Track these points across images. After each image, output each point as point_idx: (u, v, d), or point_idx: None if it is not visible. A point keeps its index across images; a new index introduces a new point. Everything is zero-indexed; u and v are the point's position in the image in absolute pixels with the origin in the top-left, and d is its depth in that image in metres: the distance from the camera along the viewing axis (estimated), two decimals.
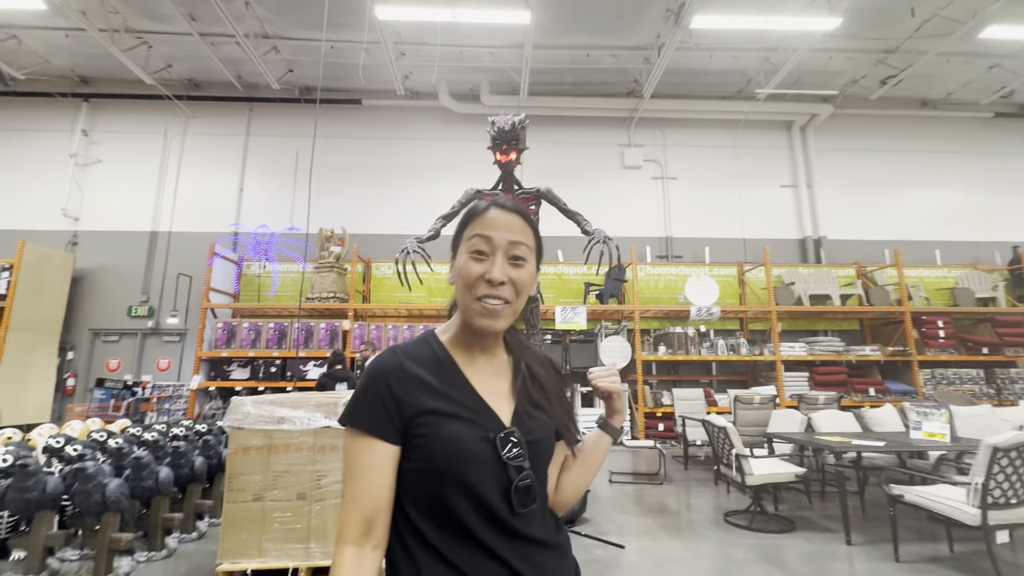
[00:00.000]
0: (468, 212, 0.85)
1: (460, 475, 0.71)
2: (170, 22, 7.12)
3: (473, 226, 0.82)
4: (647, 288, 8.13)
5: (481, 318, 0.78)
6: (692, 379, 8.11)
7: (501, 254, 0.79)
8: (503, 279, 0.77)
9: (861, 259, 8.54)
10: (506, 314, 0.79)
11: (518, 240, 0.80)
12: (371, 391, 0.75)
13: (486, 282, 0.77)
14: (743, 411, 4.88)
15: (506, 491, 0.73)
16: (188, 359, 7.74)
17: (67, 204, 8.15)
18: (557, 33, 7.41)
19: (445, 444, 0.72)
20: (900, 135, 9.32)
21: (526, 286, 0.81)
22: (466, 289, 0.79)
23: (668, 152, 9.11)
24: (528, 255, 0.82)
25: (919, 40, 7.43)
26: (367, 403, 0.75)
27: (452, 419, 0.74)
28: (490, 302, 0.77)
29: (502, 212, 0.82)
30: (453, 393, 0.77)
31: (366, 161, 8.73)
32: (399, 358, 0.79)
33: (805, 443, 3.70)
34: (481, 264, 0.79)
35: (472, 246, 0.80)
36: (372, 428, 0.73)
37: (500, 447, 0.74)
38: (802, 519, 3.76)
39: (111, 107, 8.67)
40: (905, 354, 7.35)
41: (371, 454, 0.73)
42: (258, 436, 2.75)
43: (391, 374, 0.76)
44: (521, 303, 0.82)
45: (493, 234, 0.79)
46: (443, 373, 0.79)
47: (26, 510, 2.71)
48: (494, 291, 0.77)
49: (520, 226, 0.82)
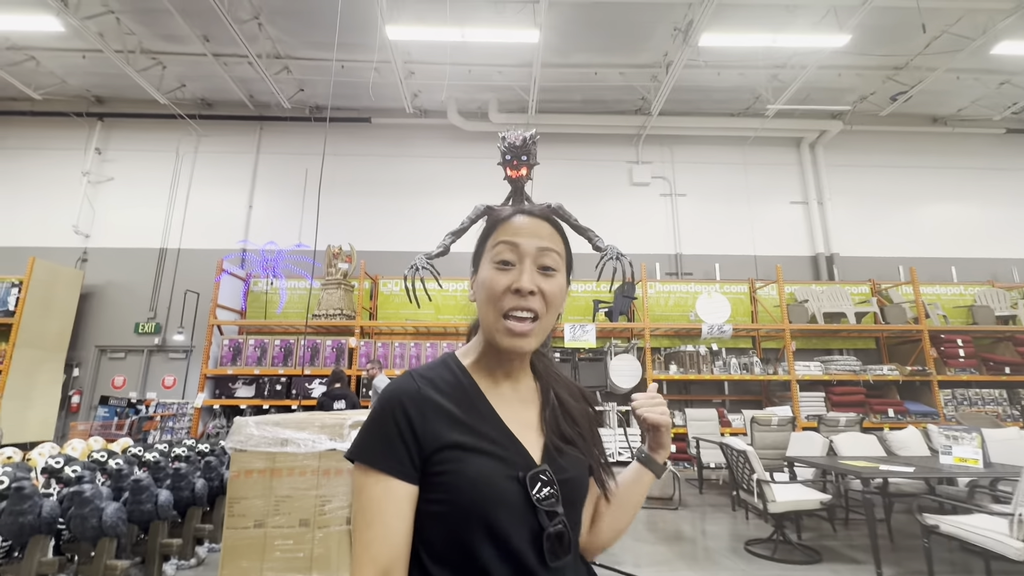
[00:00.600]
0: (491, 219, 0.77)
1: (487, 520, 0.63)
2: (185, 43, 7.24)
3: (497, 233, 0.74)
4: (657, 305, 8.02)
5: (508, 337, 0.69)
6: (704, 399, 7.92)
7: (530, 262, 0.71)
8: (532, 288, 0.69)
9: (875, 276, 8.39)
10: (536, 332, 0.71)
11: (548, 247, 0.72)
12: (386, 421, 0.66)
13: (514, 293, 0.69)
14: (761, 433, 4.72)
15: (537, 538, 0.64)
16: (193, 376, 7.68)
17: (78, 221, 8.21)
18: (565, 52, 7.46)
19: (471, 483, 0.63)
20: (911, 151, 9.25)
21: (557, 299, 0.73)
22: (490, 304, 0.71)
23: (676, 169, 9.08)
24: (559, 264, 0.74)
25: (929, 57, 7.40)
26: (381, 435, 0.66)
27: (478, 454, 0.66)
28: (518, 315, 0.69)
29: (529, 218, 0.75)
30: (478, 424, 0.68)
31: (374, 178, 8.76)
32: (417, 383, 0.70)
33: (829, 468, 3.54)
34: (507, 274, 0.71)
35: (496, 255, 0.72)
36: (388, 465, 0.64)
37: (530, 487, 0.65)
38: (828, 549, 3.57)
39: (125, 126, 8.80)
40: (924, 374, 7.14)
41: (387, 496, 0.63)
42: (261, 459, 2.65)
43: (409, 401, 0.67)
44: (551, 320, 0.73)
45: (520, 241, 0.72)
46: (466, 401, 0.70)
47: (20, 535, 2.62)
48: (523, 302, 0.69)
49: (549, 232, 0.74)
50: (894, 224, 8.99)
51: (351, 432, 2.66)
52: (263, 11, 6.74)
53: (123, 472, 3.12)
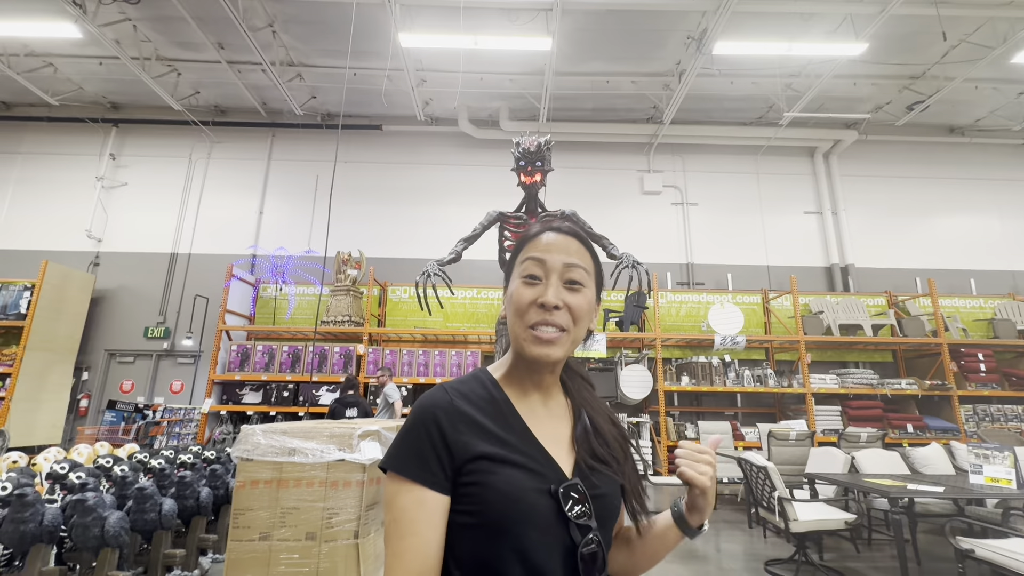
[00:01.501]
0: (522, 237, 0.80)
1: (517, 533, 0.62)
2: (200, 50, 7.31)
3: (526, 250, 0.76)
4: (668, 315, 7.90)
5: (534, 346, 0.70)
6: (716, 411, 7.77)
7: (556, 277, 0.72)
8: (557, 303, 0.70)
9: (891, 288, 8.22)
10: (562, 343, 0.71)
11: (574, 263, 0.74)
12: (419, 432, 0.67)
13: (539, 307, 0.70)
14: (778, 448, 4.58)
15: (569, 556, 0.63)
16: (201, 382, 7.65)
17: (91, 226, 8.27)
18: (577, 60, 7.44)
19: (501, 495, 0.63)
20: (928, 161, 9.11)
21: (585, 313, 0.73)
22: (518, 317, 0.72)
23: (688, 178, 9.00)
24: (586, 280, 0.74)
25: (947, 66, 7.30)
26: (415, 446, 0.66)
27: (509, 466, 0.65)
28: (544, 330, 0.70)
29: (557, 235, 0.76)
30: (509, 437, 0.68)
31: (385, 185, 8.76)
32: (450, 395, 0.71)
33: (852, 486, 3.40)
34: (533, 289, 0.72)
35: (524, 270, 0.74)
36: (421, 475, 0.64)
37: (563, 501, 0.64)
38: (852, 571, 3.43)
39: (139, 132, 8.88)
40: (944, 388, 6.95)
41: (420, 506, 0.63)
42: (267, 468, 2.58)
43: (442, 414, 0.68)
44: (580, 333, 0.74)
45: (547, 257, 0.73)
46: (498, 414, 0.71)
47: (21, 543, 2.56)
48: (548, 317, 0.70)
49: (577, 248, 0.75)
50: (911, 235, 8.83)
51: (360, 443, 2.59)
52: (277, 19, 6.79)
53: (128, 479, 3.06)
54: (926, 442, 5.37)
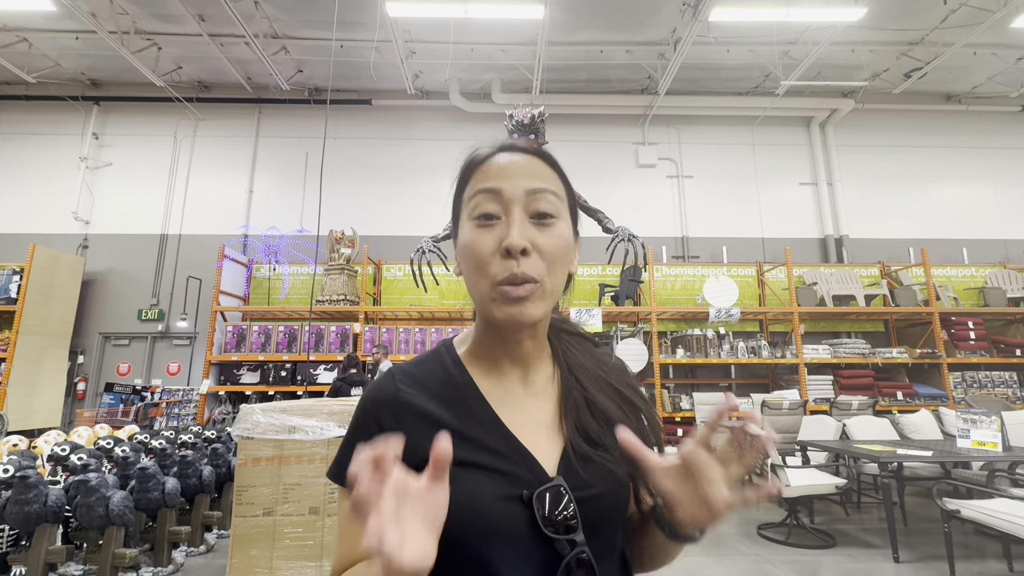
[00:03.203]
0: (466, 164, 0.61)
1: (480, 550, 0.50)
2: (179, 23, 7.05)
3: (475, 180, 0.58)
4: (663, 289, 7.92)
5: (503, 305, 0.54)
6: (711, 382, 7.88)
7: (519, 210, 0.55)
8: (525, 244, 0.53)
9: (885, 258, 8.27)
10: (539, 297, 0.54)
11: (540, 187, 0.56)
12: (360, 435, 0.56)
13: (503, 254, 0.53)
14: (771, 417, 4.66)
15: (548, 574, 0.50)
16: (198, 363, 7.66)
17: (78, 207, 8.11)
18: (571, 29, 7.25)
19: (457, 507, 0.49)
20: (924, 130, 9.04)
21: (561, 253, 0.56)
22: (478, 272, 0.55)
23: (683, 150, 8.90)
24: (558, 208, 0.57)
25: (946, 31, 7.17)
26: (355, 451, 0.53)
27: (467, 469, 0.52)
28: (513, 285, 0.53)
29: (513, 154, 0.58)
30: (471, 431, 0.55)
31: (376, 162, 8.61)
32: (396, 384, 0.58)
33: (844, 452, 3.49)
34: (491, 231, 0.55)
35: (476, 208, 0.56)
36: None
37: (540, 509, 0.51)
38: (842, 533, 3.54)
39: (121, 110, 8.63)
40: (934, 356, 7.06)
41: None
42: (268, 446, 2.60)
43: (384, 409, 0.56)
44: (558, 280, 0.57)
45: (503, 185, 0.55)
46: (458, 401, 0.57)
47: (26, 524, 2.59)
48: (515, 267, 0.53)
49: (542, 170, 0.58)
50: (905, 205, 8.83)
51: None
52: None
53: (129, 460, 3.08)
54: (915, 409, 5.48)
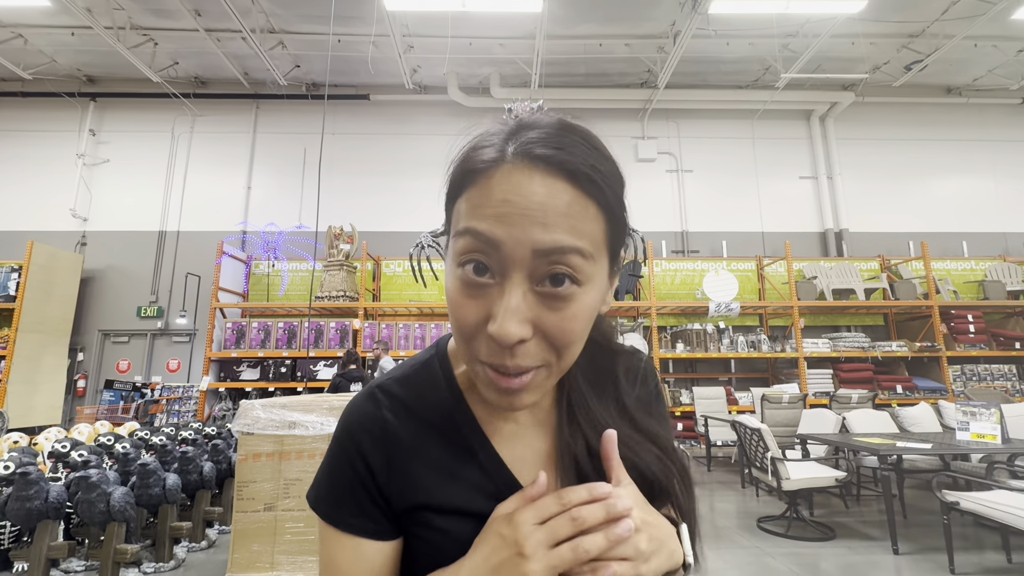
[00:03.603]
0: (462, 164, 0.44)
1: None
2: (175, 18, 7.00)
3: (468, 201, 0.42)
4: (663, 284, 7.92)
5: (492, 392, 0.43)
6: (711, 377, 7.89)
7: (520, 278, 0.39)
8: (521, 336, 0.39)
9: (885, 252, 8.26)
10: (537, 385, 0.43)
11: (560, 245, 0.39)
12: (344, 468, 0.48)
13: (490, 338, 0.40)
14: (771, 411, 4.68)
15: None
16: (197, 360, 7.66)
17: (75, 204, 8.08)
18: (569, 22, 7.20)
19: (452, 561, 0.44)
20: (924, 123, 9.01)
21: (580, 334, 0.42)
22: (461, 339, 0.43)
23: (683, 144, 8.87)
24: (586, 270, 0.40)
25: (946, 23, 7.13)
26: (342, 484, 0.48)
27: (465, 519, 0.45)
28: (504, 375, 0.41)
29: (529, 171, 0.39)
30: (468, 472, 0.47)
31: (375, 157, 8.58)
32: (380, 412, 0.49)
33: (844, 445, 3.49)
34: (479, 298, 0.41)
35: (463, 255, 0.41)
36: (357, 524, 0.47)
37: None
38: (841, 526, 3.55)
39: (118, 106, 8.59)
40: (933, 350, 7.07)
41: (357, 558, 0.46)
42: (268, 442, 2.60)
43: (369, 442, 0.47)
44: (570, 359, 0.43)
45: (500, 233, 0.39)
46: (454, 435, 0.49)
47: (28, 520, 2.59)
48: (507, 359, 0.40)
49: (567, 204, 0.39)
50: (905, 198, 8.81)
51: None
52: None
53: (130, 456, 3.08)
54: (915, 402, 5.50)
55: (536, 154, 0.39)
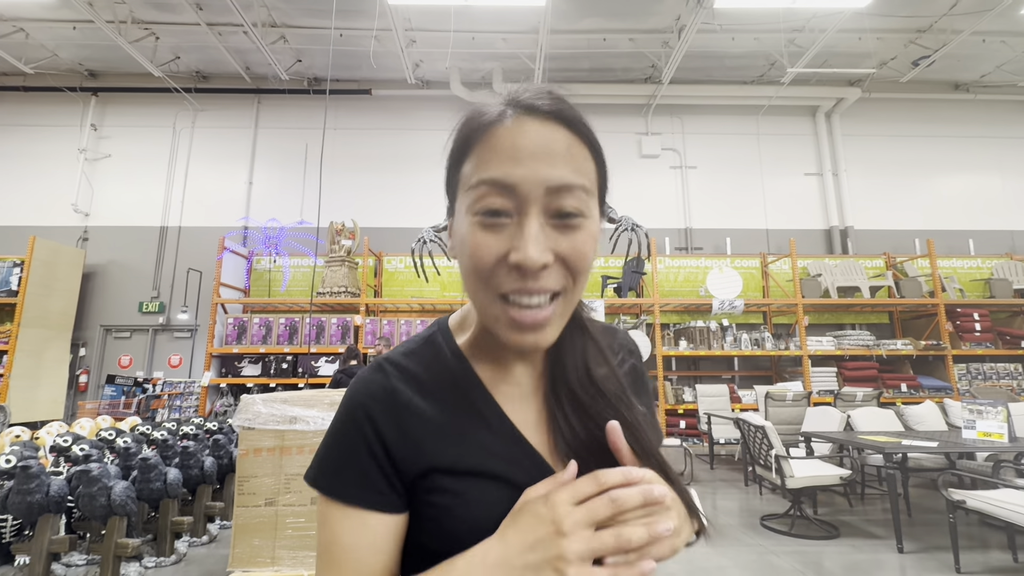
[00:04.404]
0: (465, 128, 0.47)
1: None
2: (177, 12, 6.97)
3: (477, 157, 0.45)
4: (666, 281, 7.88)
5: (513, 333, 0.45)
6: (714, 374, 7.86)
7: (536, 212, 0.43)
8: (545, 260, 0.42)
9: (890, 249, 8.20)
10: (557, 318, 0.46)
11: (567, 182, 0.43)
12: (351, 437, 0.48)
13: (513, 269, 0.43)
14: (775, 408, 4.64)
15: None
16: (199, 355, 7.65)
17: (77, 199, 8.07)
18: (573, 17, 7.15)
19: (469, 527, 0.44)
20: (931, 120, 8.93)
21: (589, 261, 0.45)
22: (478, 280, 0.45)
23: (687, 140, 8.81)
24: (588, 204, 0.45)
25: (955, 18, 7.05)
26: (347, 456, 0.47)
27: (477, 481, 0.46)
28: (525, 301, 0.43)
29: (529, 121, 0.44)
30: (477, 434, 0.48)
31: (377, 153, 8.55)
32: (389, 379, 0.50)
33: (849, 443, 3.46)
34: (499, 235, 0.43)
35: (478, 201, 0.44)
36: (361, 496, 0.46)
37: None
38: (845, 524, 3.52)
39: (120, 101, 8.57)
40: (939, 348, 7.02)
41: (360, 531, 0.45)
42: (269, 437, 2.58)
43: (378, 409, 0.48)
44: (581, 289, 0.47)
45: (517, 175, 0.42)
46: (460, 399, 0.50)
47: (29, 514, 2.58)
48: (530, 284, 0.43)
49: (566, 146, 0.44)
50: (911, 196, 8.74)
51: None
52: None
53: (131, 451, 3.07)
54: (920, 401, 5.46)
55: (535, 106, 0.45)
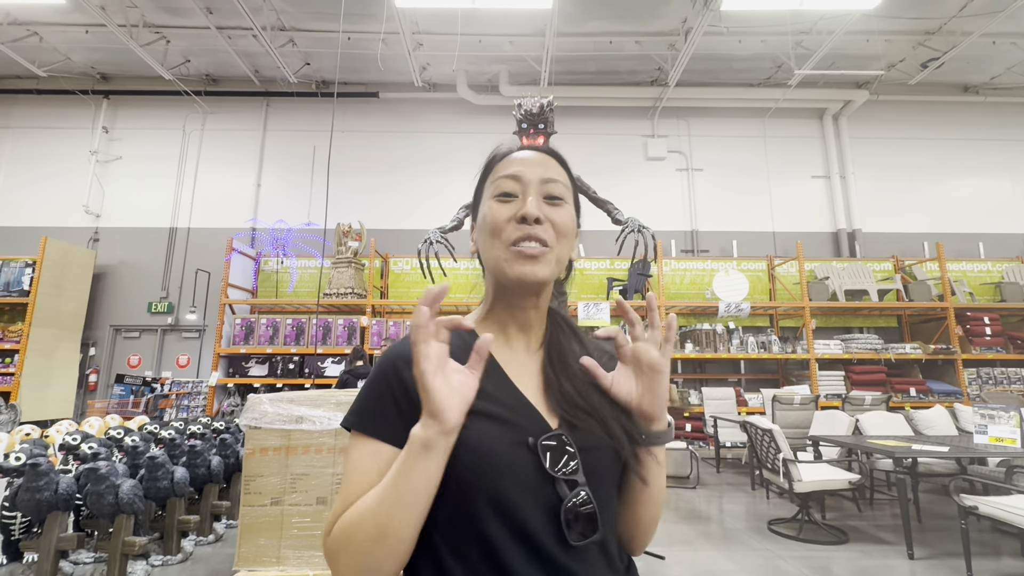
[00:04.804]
0: (490, 158, 0.73)
1: (493, 493, 0.55)
2: (187, 16, 7.05)
3: (496, 170, 0.70)
4: (672, 283, 7.85)
5: (516, 264, 0.63)
6: (720, 377, 7.81)
7: (534, 190, 0.66)
8: (539, 214, 0.63)
9: (898, 252, 8.13)
10: (547, 259, 0.64)
11: (552, 178, 0.67)
12: (380, 385, 0.62)
13: (519, 221, 0.63)
14: (782, 412, 4.61)
15: (554, 514, 0.56)
16: (207, 355, 7.71)
17: (88, 201, 8.17)
18: (579, 19, 7.16)
19: (471, 452, 0.56)
20: (940, 122, 8.86)
21: (568, 228, 0.67)
22: (493, 237, 0.65)
23: (693, 143, 8.79)
24: (567, 196, 0.68)
25: (965, 20, 7.00)
26: (375, 399, 0.62)
27: (480, 418, 0.58)
28: (526, 244, 0.62)
29: (531, 152, 0.71)
30: (483, 384, 0.59)
31: (384, 155, 8.59)
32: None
33: (857, 447, 3.43)
34: (510, 205, 0.65)
35: (497, 188, 0.67)
36: (380, 430, 0.59)
37: (544, 456, 0.57)
38: (854, 529, 3.49)
39: (131, 103, 8.68)
40: (948, 352, 6.95)
41: (375, 459, 0.58)
42: (276, 436, 2.59)
43: (403, 363, 0.61)
44: (565, 251, 0.67)
45: (522, 171, 0.67)
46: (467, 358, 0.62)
47: (38, 511, 2.60)
48: (529, 230, 0.63)
49: (553, 165, 0.70)
50: (920, 199, 8.67)
51: None
52: None
53: (139, 449, 3.09)
54: (929, 405, 5.41)
55: (535, 147, 0.72)
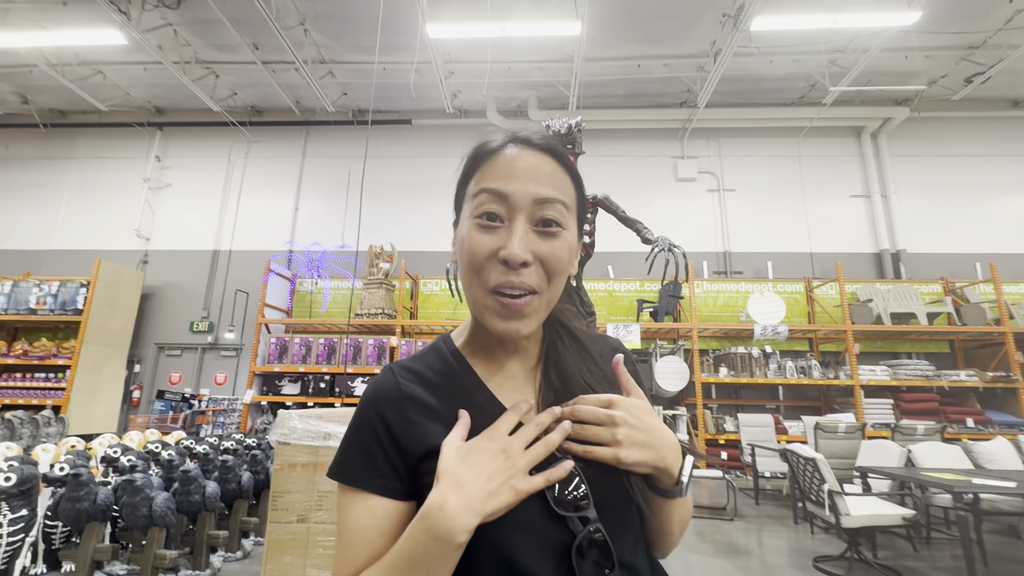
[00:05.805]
0: (473, 154, 0.60)
1: (496, 537, 0.49)
2: (236, 52, 7.52)
3: (482, 174, 0.56)
4: (705, 305, 7.65)
5: (498, 319, 0.54)
6: (757, 403, 7.49)
7: (523, 219, 0.53)
8: (526, 257, 0.52)
9: (948, 274, 7.71)
10: (535, 311, 0.55)
11: (549, 196, 0.54)
12: (363, 430, 0.55)
13: (501, 263, 0.53)
14: (826, 440, 4.36)
15: (564, 556, 0.49)
16: (243, 373, 7.92)
17: (140, 225, 8.67)
18: (608, 44, 7.26)
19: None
20: (987, 138, 8.47)
21: (563, 265, 0.55)
22: (473, 273, 0.55)
23: (724, 163, 8.68)
24: (565, 218, 0.55)
25: (1010, 32, 6.75)
26: (360, 446, 0.55)
27: None
28: (509, 292, 0.53)
29: (524, 151, 0.56)
30: (474, 422, 0.54)
31: (415, 179, 8.82)
32: (396, 378, 0.58)
33: (909, 480, 3.19)
34: (492, 235, 0.54)
35: (479, 207, 0.55)
36: (369, 481, 0.53)
37: (550, 488, 0.50)
38: (910, 570, 3.21)
39: (182, 134, 9.24)
40: (1009, 380, 6.47)
41: (368, 515, 0.52)
42: (304, 452, 2.61)
43: (386, 403, 0.56)
44: (556, 290, 0.57)
45: (509, 188, 0.53)
46: (459, 391, 0.58)
47: (77, 521, 2.68)
48: (513, 278, 0.53)
49: (551, 172, 0.55)
50: (969, 218, 8.24)
51: None
52: (308, 16, 6.91)
53: (174, 463, 3.17)
54: (990, 437, 5.00)
55: (530, 139, 0.57)
